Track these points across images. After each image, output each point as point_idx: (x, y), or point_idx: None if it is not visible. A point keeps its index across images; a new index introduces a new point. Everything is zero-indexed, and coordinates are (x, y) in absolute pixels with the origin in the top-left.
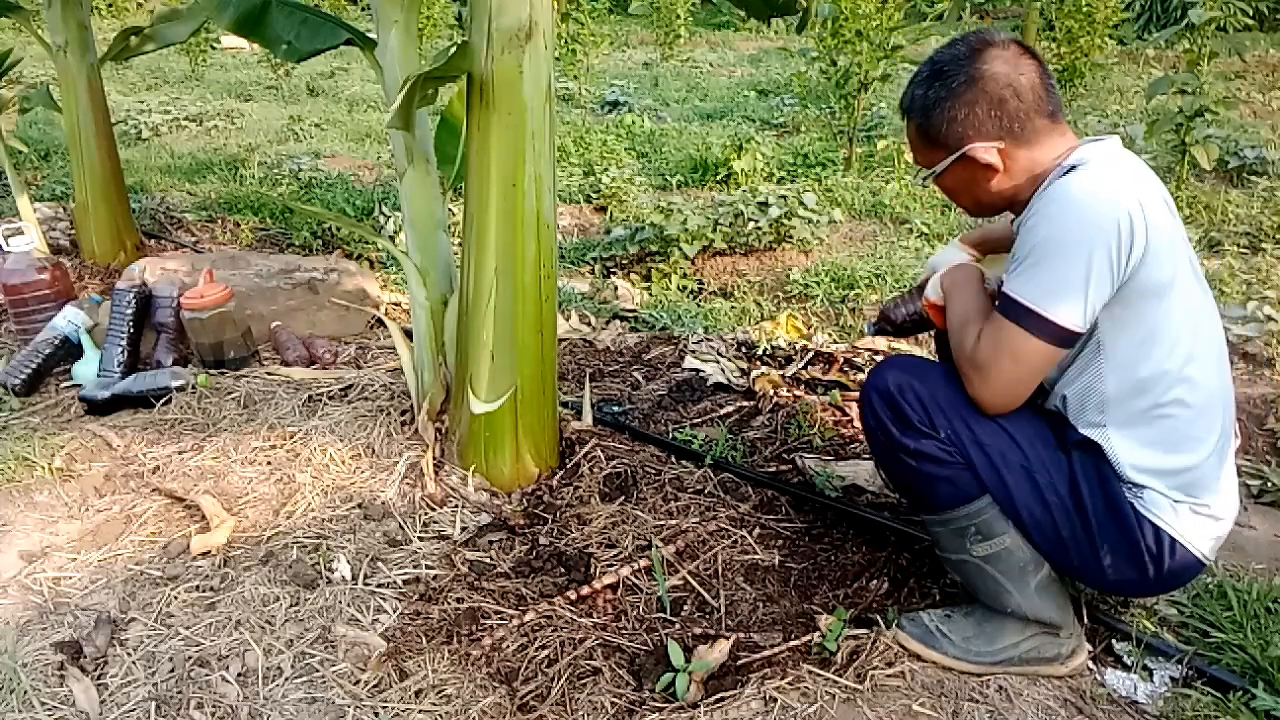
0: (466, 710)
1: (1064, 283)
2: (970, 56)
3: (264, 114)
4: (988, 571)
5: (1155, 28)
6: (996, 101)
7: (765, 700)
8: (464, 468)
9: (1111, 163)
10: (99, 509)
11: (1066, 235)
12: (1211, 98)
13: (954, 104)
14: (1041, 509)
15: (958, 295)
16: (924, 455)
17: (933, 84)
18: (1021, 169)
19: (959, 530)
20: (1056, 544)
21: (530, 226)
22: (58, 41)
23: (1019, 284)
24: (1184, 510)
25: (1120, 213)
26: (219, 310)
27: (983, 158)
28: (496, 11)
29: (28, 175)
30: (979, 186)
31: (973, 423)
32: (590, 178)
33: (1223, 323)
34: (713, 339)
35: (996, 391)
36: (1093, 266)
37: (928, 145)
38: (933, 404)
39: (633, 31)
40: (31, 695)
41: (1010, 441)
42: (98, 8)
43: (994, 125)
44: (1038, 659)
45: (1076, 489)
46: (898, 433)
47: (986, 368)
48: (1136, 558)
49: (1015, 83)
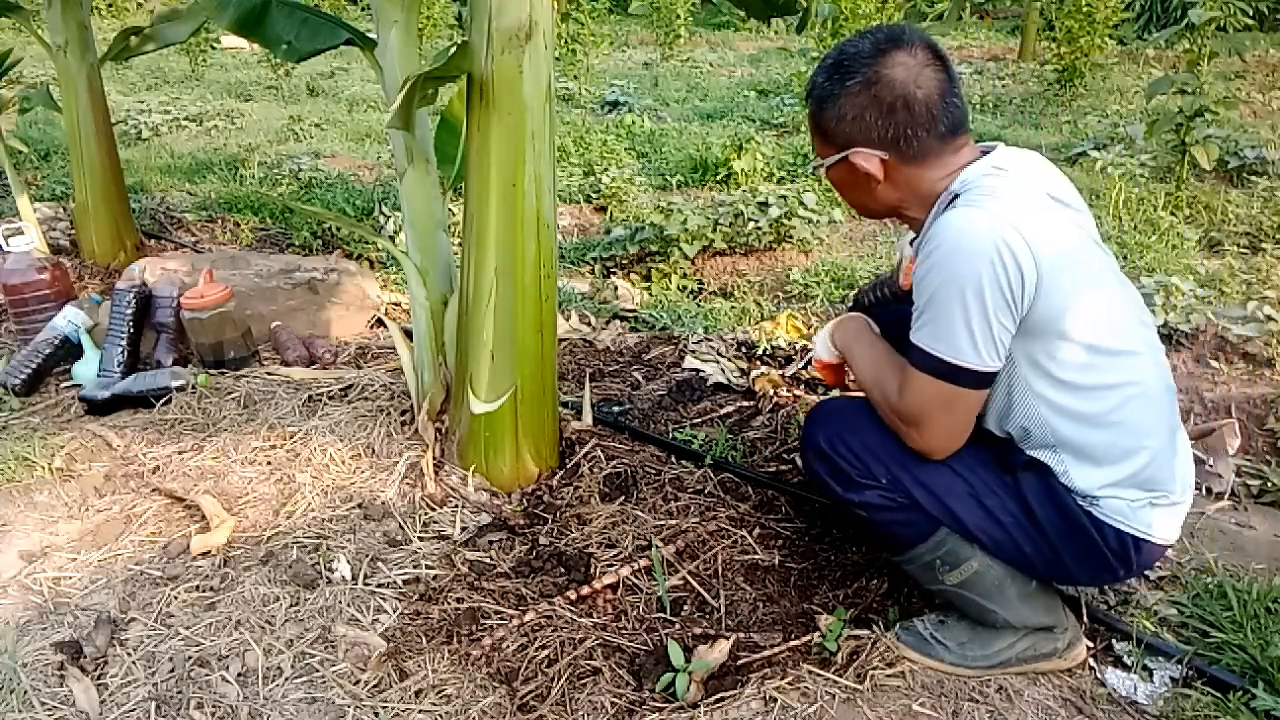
0: (466, 710)
1: (965, 325)
2: (874, 56)
3: (264, 114)
4: (967, 596)
5: (1155, 28)
6: (886, 110)
7: (765, 700)
8: (464, 468)
9: (989, 188)
10: (99, 509)
11: (953, 278)
12: (1211, 98)
13: (846, 103)
14: (998, 530)
15: (858, 350)
16: (871, 505)
17: (832, 75)
18: (905, 183)
19: (927, 564)
20: (1021, 559)
21: (530, 226)
22: (58, 41)
23: (926, 336)
24: (1143, 507)
25: (998, 243)
26: (219, 310)
27: (862, 165)
28: (496, 11)
29: (28, 175)
30: (862, 190)
31: (909, 463)
32: (590, 178)
33: (1223, 323)
34: (713, 339)
35: (938, 440)
36: (986, 302)
37: (819, 136)
38: (867, 453)
39: (633, 31)
40: (31, 695)
41: (951, 473)
42: (98, 8)
43: (880, 134)
44: (1035, 656)
45: (1028, 507)
46: (840, 490)
47: (921, 422)
48: (1102, 560)
49: (909, 95)
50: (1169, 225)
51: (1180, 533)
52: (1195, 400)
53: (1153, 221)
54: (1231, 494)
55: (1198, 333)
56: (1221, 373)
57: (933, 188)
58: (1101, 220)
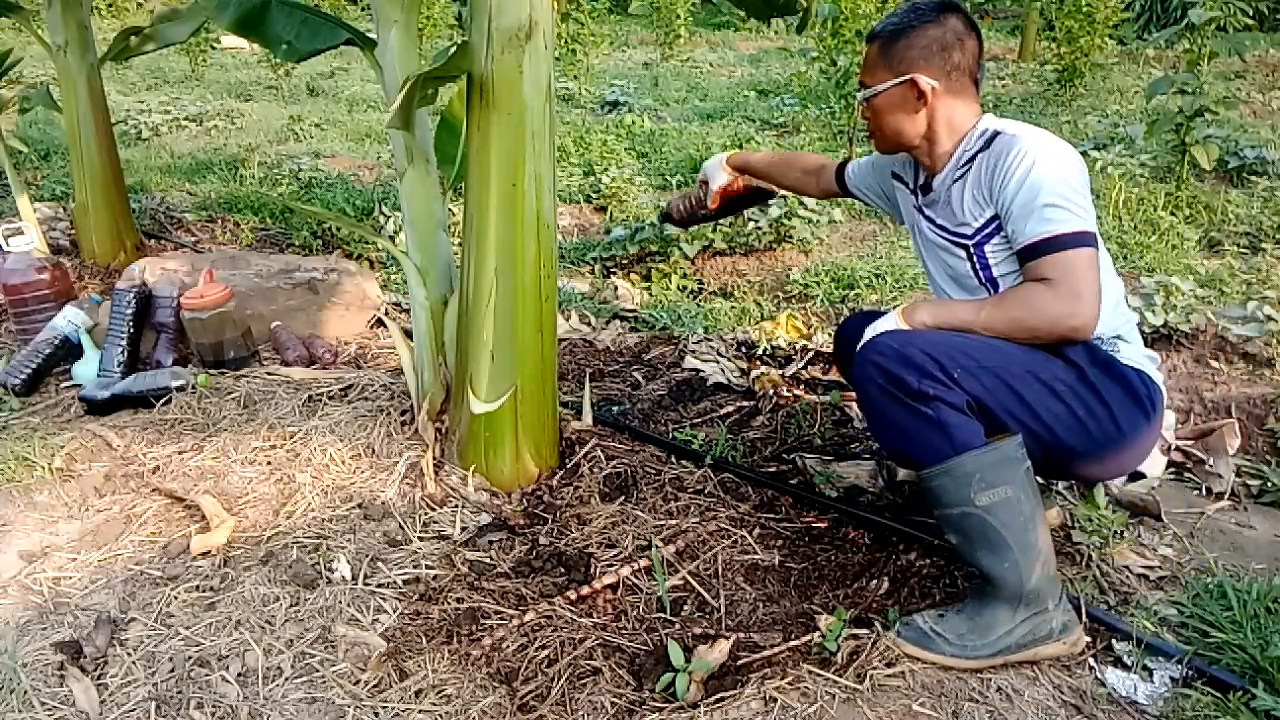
0: (466, 710)
1: (1076, 201)
2: (940, 9)
3: (264, 114)
4: (989, 523)
5: (1155, 28)
6: (947, 46)
7: (765, 700)
8: (464, 468)
9: (1024, 126)
10: (99, 509)
11: (1057, 173)
12: (1211, 98)
13: (918, 35)
14: (1054, 400)
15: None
16: (936, 399)
17: (906, 15)
18: (942, 110)
19: (964, 478)
20: (1077, 427)
21: (530, 226)
22: (58, 41)
23: (1052, 220)
24: (1140, 354)
25: (1068, 147)
26: (219, 310)
27: (923, 84)
28: (496, 11)
29: (28, 175)
30: (903, 115)
31: (973, 352)
32: (590, 178)
33: (1223, 323)
34: (713, 339)
35: (1093, 303)
36: (1082, 182)
37: (881, 65)
38: (938, 352)
39: (633, 31)
40: (31, 695)
41: (1009, 356)
42: (98, 8)
43: (939, 65)
44: (1034, 640)
45: (1078, 369)
46: (915, 380)
47: (1080, 293)
48: (1138, 402)
49: (965, 41)
50: (1169, 225)
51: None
52: (1195, 400)
53: (1153, 221)
54: (1231, 494)
55: (1198, 333)
56: (1221, 373)
57: (961, 123)
58: (1101, 220)
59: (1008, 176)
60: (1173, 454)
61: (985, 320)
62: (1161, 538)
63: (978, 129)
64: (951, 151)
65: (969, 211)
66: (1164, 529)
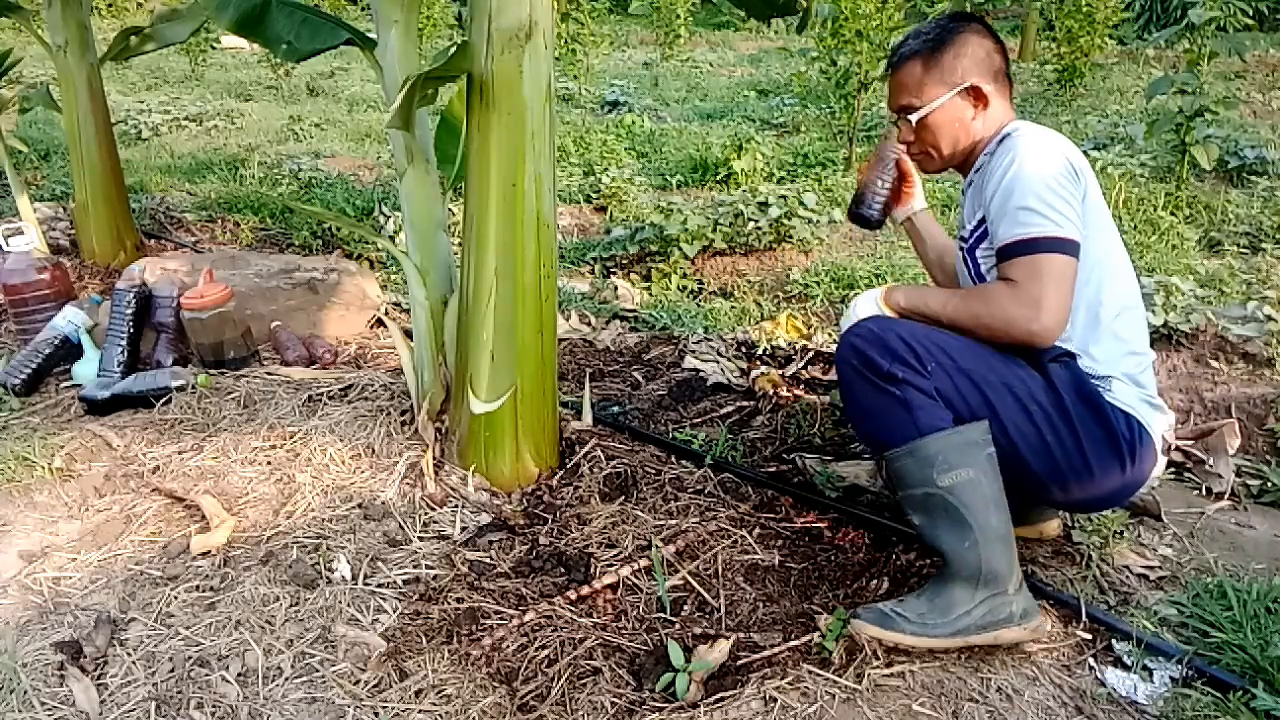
0: (466, 710)
1: (1052, 205)
2: (963, 18)
3: (264, 114)
4: (951, 503)
5: (1155, 28)
6: (989, 52)
7: (765, 700)
8: (464, 468)
9: (1035, 127)
10: (99, 509)
11: (1034, 173)
12: (1211, 98)
13: (963, 42)
14: (1026, 421)
15: (931, 297)
16: (905, 382)
17: (938, 29)
18: (992, 114)
19: (926, 460)
20: (1042, 451)
21: (530, 226)
22: (58, 41)
23: (1023, 224)
24: (1142, 400)
25: (1058, 143)
26: (219, 310)
27: (985, 89)
28: (496, 11)
29: (28, 175)
30: (964, 125)
31: (955, 351)
32: (590, 178)
33: (1223, 323)
34: (713, 339)
35: (1055, 315)
36: (1063, 182)
37: (931, 80)
38: (915, 341)
39: (633, 31)
40: (31, 695)
41: (989, 364)
42: (98, 8)
43: (990, 67)
44: (993, 623)
45: (1056, 395)
46: (886, 362)
47: (1040, 301)
48: (1115, 446)
49: (997, 44)
50: (1169, 225)
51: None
52: (1195, 400)
53: (1153, 221)
54: (1231, 494)
55: (1198, 333)
56: (1221, 373)
57: (999, 126)
58: None
59: (992, 178)
60: (1173, 454)
61: (951, 312)
62: (1161, 538)
63: (1003, 131)
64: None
65: (966, 214)
66: (1164, 529)
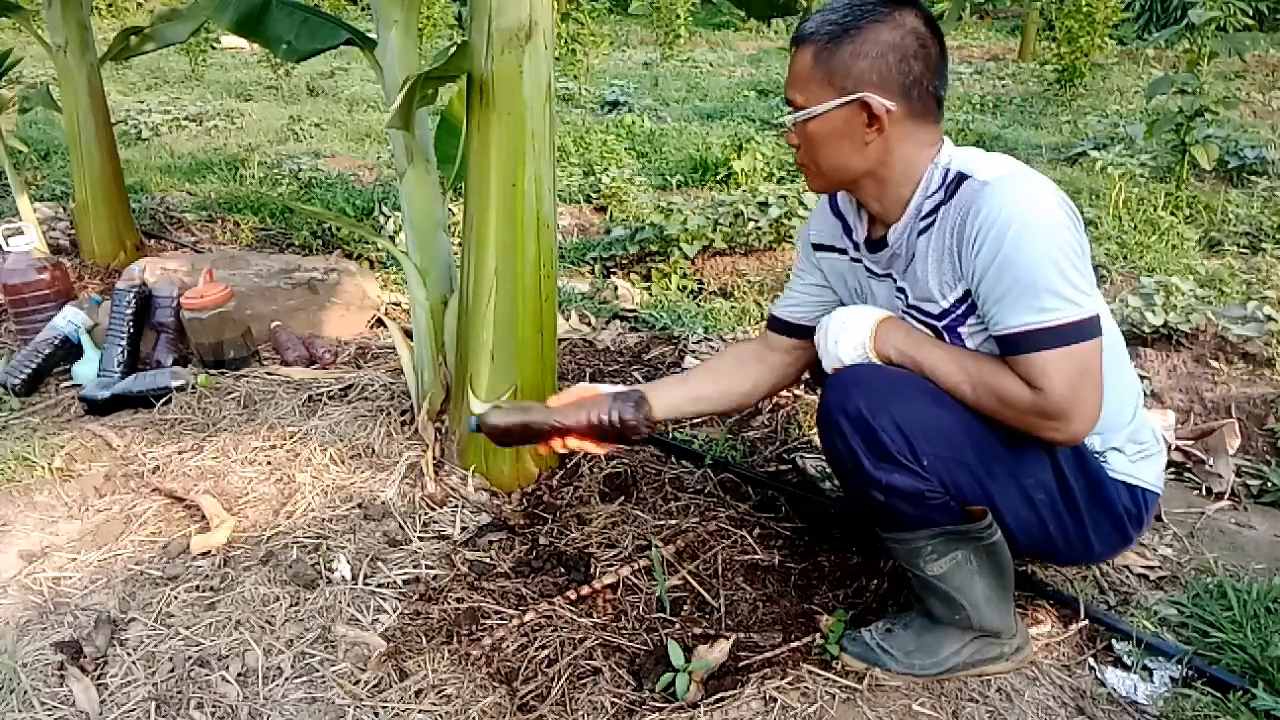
0: (466, 710)
1: (1066, 281)
2: (890, 3)
3: (264, 114)
4: (941, 587)
5: (1155, 28)
6: (907, 57)
7: (765, 700)
8: (464, 468)
9: (1009, 167)
10: (99, 509)
11: (1039, 247)
12: (1211, 98)
13: (868, 39)
14: (1028, 510)
15: (932, 353)
16: (894, 488)
17: (850, 11)
18: (899, 140)
19: (915, 550)
20: (1044, 539)
21: (530, 226)
22: (58, 41)
23: (1039, 310)
24: (1139, 458)
25: (1058, 201)
26: (219, 310)
27: (877, 106)
28: (496, 11)
29: (28, 175)
30: (851, 143)
31: (959, 444)
32: (590, 178)
33: (1223, 323)
34: (713, 339)
35: (1088, 416)
36: (1074, 249)
37: (820, 78)
38: (915, 429)
39: (633, 31)
40: (31, 695)
41: (994, 453)
42: (98, 8)
43: (897, 79)
44: (981, 660)
45: (1064, 482)
46: (869, 464)
47: (1071, 407)
48: (1119, 523)
49: (928, 48)
50: (1169, 225)
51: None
52: (1195, 400)
53: (1153, 221)
54: (1231, 494)
55: (1198, 333)
56: (1221, 373)
57: (917, 155)
58: (1102, 220)
59: (977, 245)
60: (1173, 454)
61: (956, 386)
62: (1161, 538)
63: (940, 164)
64: (909, 195)
65: (934, 285)
66: (1164, 529)
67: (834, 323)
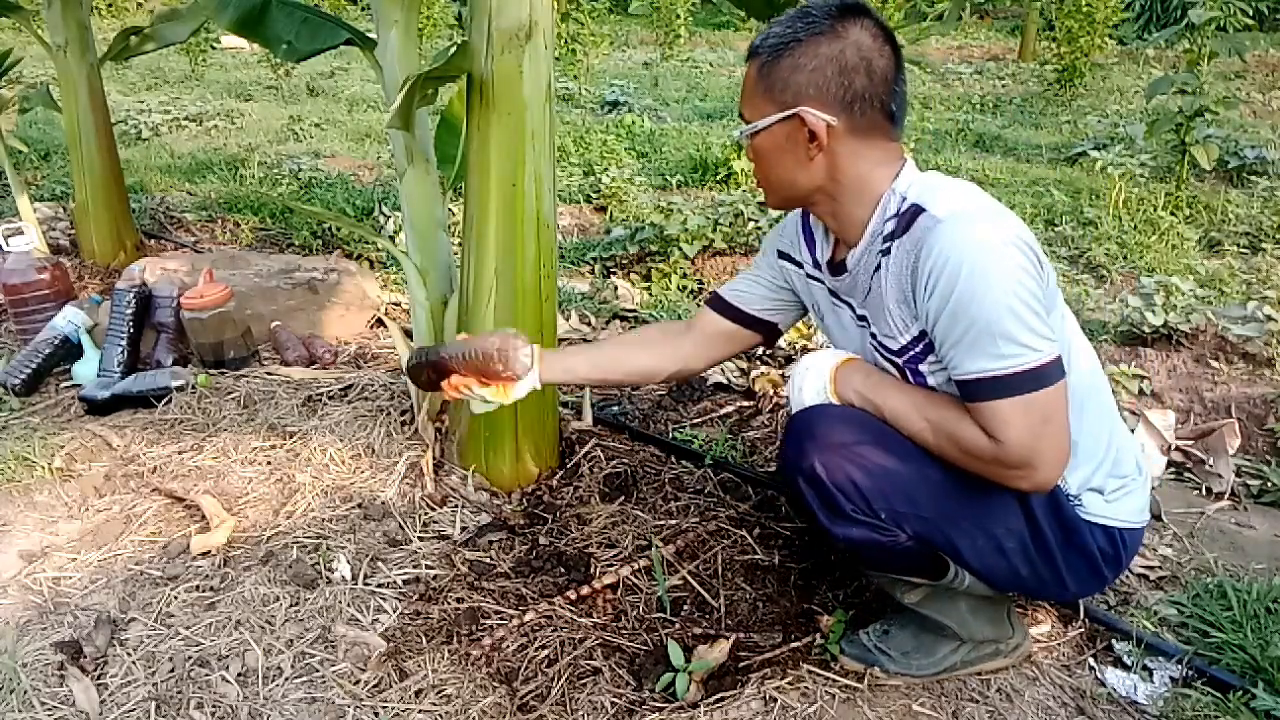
0: (466, 710)
1: (1028, 325)
2: (840, 15)
3: (264, 114)
4: (922, 614)
5: (1155, 28)
6: (849, 69)
7: (765, 700)
8: (464, 468)
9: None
10: (99, 509)
11: (997, 280)
12: (1211, 98)
13: (806, 52)
14: (998, 557)
15: (892, 397)
16: (855, 540)
17: (792, 24)
18: (845, 158)
19: (890, 582)
20: (1013, 582)
21: (530, 226)
22: (58, 41)
23: (995, 357)
24: (1117, 496)
25: (1017, 232)
26: (219, 310)
27: (813, 121)
28: (496, 11)
29: (28, 175)
30: (795, 159)
31: (917, 497)
32: (590, 178)
33: (1223, 323)
34: None
35: (1053, 465)
36: (1031, 292)
37: (762, 93)
38: (871, 486)
39: (633, 31)
40: (31, 695)
41: (959, 504)
42: (98, 8)
43: (836, 93)
44: (979, 658)
45: (1036, 527)
46: (826, 521)
47: (1033, 457)
48: (1094, 565)
49: (872, 60)
50: (1169, 225)
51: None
52: (1195, 400)
53: (1153, 221)
54: (1231, 494)
55: (1198, 333)
56: (1221, 373)
57: (870, 175)
58: (1102, 220)
59: (929, 288)
60: (1173, 454)
61: (918, 433)
62: (1161, 538)
63: (898, 190)
64: (866, 217)
65: (893, 319)
66: (1164, 529)
67: (799, 369)
